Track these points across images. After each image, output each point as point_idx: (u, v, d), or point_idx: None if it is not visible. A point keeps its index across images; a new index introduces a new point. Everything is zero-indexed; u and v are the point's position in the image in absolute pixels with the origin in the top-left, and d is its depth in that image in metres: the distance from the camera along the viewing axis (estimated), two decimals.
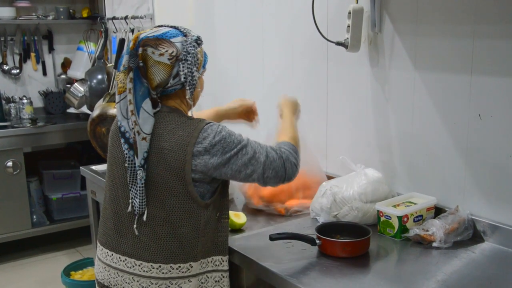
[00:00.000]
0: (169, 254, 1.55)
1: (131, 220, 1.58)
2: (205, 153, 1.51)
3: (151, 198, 1.54)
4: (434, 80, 1.88)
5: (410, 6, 1.92)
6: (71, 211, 4.20)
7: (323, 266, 1.61)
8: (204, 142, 1.51)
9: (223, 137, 1.53)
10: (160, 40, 1.53)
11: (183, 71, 1.53)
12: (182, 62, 1.53)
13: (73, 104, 4.01)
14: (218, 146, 1.52)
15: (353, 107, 2.22)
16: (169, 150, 1.51)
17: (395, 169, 2.07)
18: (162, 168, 1.52)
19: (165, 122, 1.55)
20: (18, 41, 4.35)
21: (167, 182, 1.52)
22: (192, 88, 1.56)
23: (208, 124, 1.55)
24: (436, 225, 1.73)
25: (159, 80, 1.53)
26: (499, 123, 1.70)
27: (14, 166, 3.84)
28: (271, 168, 1.58)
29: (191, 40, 1.56)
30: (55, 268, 3.71)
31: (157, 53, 1.51)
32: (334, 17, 2.21)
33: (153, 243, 1.56)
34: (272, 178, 1.59)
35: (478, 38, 1.72)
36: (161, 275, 1.56)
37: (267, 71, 2.69)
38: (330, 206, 1.90)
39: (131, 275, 1.58)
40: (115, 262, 1.61)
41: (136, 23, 3.43)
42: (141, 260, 1.57)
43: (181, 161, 1.51)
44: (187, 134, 1.52)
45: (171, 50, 1.52)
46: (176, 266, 1.56)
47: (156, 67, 1.52)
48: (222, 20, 3.00)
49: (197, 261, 1.58)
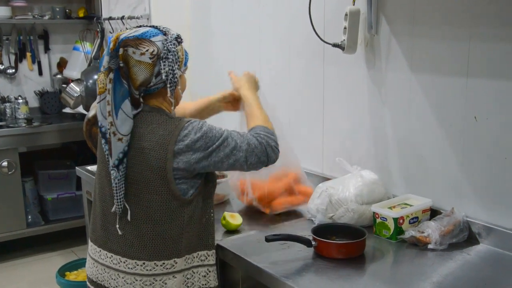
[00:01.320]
0: (153, 251, 1.57)
1: (114, 219, 1.60)
2: (187, 150, 1.53)
3: (134, 196, 1.56)
4: (430, 82, 1.88)
5: (406, 8, 1.92)
6: (66, 211, 4.18)
7: (319, 267, 1.61)
8: (186, 139, 1.53)
9: (204, 132, 1.55)
10: (141, 40, 1.54)
11: (164, 69, 1.55)
12: (163, 60, 1.55)
13: (69, 104, 4.00)
14: (200, 142, 1.54)
15: (349, 109, 2.23)
16: (149, 149, 1.53)
17: (391, 171, 2.07)
18: (143, 167, 1.54)
19: (146, 122, 1.56)
20: (13, 40, 4.34)
21: (148, 181, 1.54)
22: (173, 86, 1.57)
23: (189, 122, 1.56)
24: (431, 227, 1.73)
25: (142, 79, 1.54)
26: (494, 125, 1.71)
27: (9, 166, 3.83)
28: (253, 155, 1.60)
29: (171, 39, 1.58)
30: (50, 268, 3.70)
31: (138, 52, 1.52)
32: (331, 18, 2.21)
33: (137, 241, 1.58)
34: (254, 164, 1.62)
35: (474, 41, 1.72)
36: (145, 272, 1.58)
37: (264, 72, 2.69)
38: (326, 208, 1.90)
39: (117, 272, 1.61)
40: (103, 258, 1.64)
41: (132, 24, 3.43)
42: (126, 257, 1.59)
43: (162, 160, 1.52)
44: (167, 133, 1.54)
45: (152, 49, 1.53)
46: (160, 263, 1.57)
47: (138, 66, 1.53)
48: (219, 21, 3.00)
49: (181, 257, 1.59)
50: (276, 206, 2.06)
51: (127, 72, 1.53)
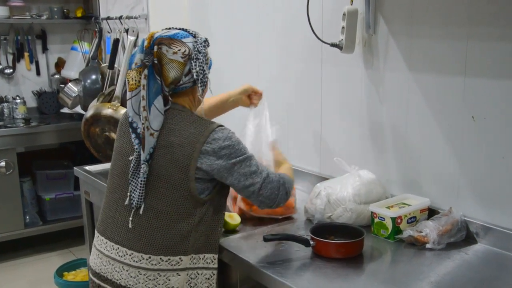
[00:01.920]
0: (160, 246, 1.58)
1: (128, 211, 1.61)
2: (213, 154, 1.57)
3: (151, 189, 1.59)
4: (428, 81, 1.89)
5: (404, 8, 1.93)
6: (64, 211, 4.18)
7: (317, 267, 1.61)
8: (214, 143, 1.57)
9: (232, 143, 1.59)
10: (173, 40, 1.61)
11: (195, 69, 1.61)
12: (194, 60, 1.62)
13: (67, 104, 4.00)
14: (226, 150, 1.58)
15: (347, 108, 2.23)
16: (178, 144, 1.57)
17: (389, 171, 2.07)
18: (167, 161, 1.57)
19: (177, 119, 1.61)
20: (11, 40, 4.33)
21: (170, 176, 1.57)
22: (203, 85, 1.64)
23: (220, 127, 1.61)
24: (429, 226, 1.74)
25: (173, 77, 1.59)
26: (492, 125, 1.71)
27: (7, 166, 3.82)
28: (268, 187, 1.65)
29: (201, 41, 1.66)
30: (48, 268, 3.70)
31: (170, 51, 1.59)
32: (329, 18, 2.21)
33: (146, 234, 1.59)
34: (265, 197, 1.66)
35: (472, 40, 1.72)
36: (150, 266, 1.58)
37: (262, 72, 2.69)
38: (324, 207, 1.90)
39: (121, 264, 1.61)
40: (108, 250, 1.65)
41: (130, 23, 3.42)
42: (132, 250, 1.60)
43: (188, 157, 1.56)
44: (198, 132, 1.58)
45: (183, 49, 1.60)
46: (166, 259, 1.58)
47: (170, 64, 1.59)
48: (217, 21, 3.00)
49: (187, 256, 1.60)
50: (256, 209, 2.00)
51: (160, 69, 1.58)
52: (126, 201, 1.61)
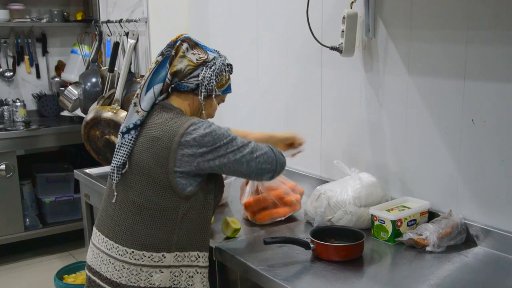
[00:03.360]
0: (143, 242, 1.59)
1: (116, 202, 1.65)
2: (194, 143, 1.57)
3: (133, 184, 1.61)
4: (427, 85, 1.89)
5: (404, 12, 1.93)
6: (64, 214, 4.17)
7: (317, 270, 1.61)
8: (194, 133, 1.57)
9: (213, 129, 1.60)
10: (198, 46, 1.69)
11: (203, 74, 1.65)
12: (207, 67, 1.66)
13: (67, 107, 4.00)
14: (208, 137, 1.58)
15: (347, 111, 2.23)
16: (157, 138, 1.59)
17: (389, 174, 2.08)
18: (148, 155, 1.59)
19: (162, 115, 1.63)
20: (11, 43, 4.34)
21: (150, 169, 1.59)
22: (206, 91, 1.66)
23: (199, 120, 1.62)
24: (429, 229, 1.74)
25: (178, 68, 1.64)
26: (491, 128, 1.71)
27: (7, 169, 3.82)
28: (261, 152, 1.65)
29: (224, 60, 1.72)
30: (48, 271, 3.69)
31: (190, 51, 1.66)
32: (329, 22, 2.22)
33: (130, 228, 1.61)
34: (264, 162, 1.65)
35: (471, 44, 1.73)
36: (133, 261, 1.59)
37: (261, 75, 2.70)
38: (324, 210, 1.91)
39: (108, 257, 1.63)
40: (100, 243, 1.68)
41: (130, 27, 3.43)
42: (118, 244, 1.62)
43: (166, 149, 1.57)
44: (177, 126, 1.59)
45: (202, 55, 1.67)
46: (149, 254, 1.59)
47: (182, 58, 1.65)
48: (216, 24, 3.00)
49: (171, 253, 1.60)
50: (260, 218, 2.01)
51: (172, 61, 1.65)
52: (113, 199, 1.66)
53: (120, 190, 1.65)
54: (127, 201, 1.62)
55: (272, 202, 2.01)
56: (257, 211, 2.02)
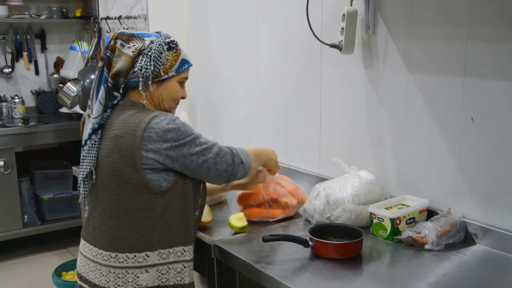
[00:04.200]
0: (125, 243, 1.59)
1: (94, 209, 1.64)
2: (157, 139, 1.54)
3: (105, 188, 1.60)
4: (427, 82, 1.89)
5: (404, 9, 1.93)
6: (62, 211, 4.17)
7: (316, 267, 1.61)
8: (156, 127, 1.55)
9: (177, 125, 1.57)
10: (134, 37, 1.63)
11: (140, 63, 1.60)
12: (143, 56, 1.61)
13: (65, 103, 3.99)
14: (172, 133, 1.55)
15: (346, 109, 2.23)
16: (120, 137, 1.57)
17: (388, 171, 2.07)
18: (115, 155, 1.57)
19: (123, 113, 1.61)
20: (10, 40, 4.32)
21: (120, 170, 1.56)
22: (144, 80, 1.60)
23: (161, 113, 1.60)
24: (428, 227, 1.74)
25: (117, 69, 1.60)
26: (491, 126, 1.71)
27: (5, 165, 3.82)
28: (222, 160, 1.64)
29: (162, 41, 1.64)
30: (46, 268, 3.69)
31: (125, 46, 1.62)
32: (328, 19, 2.22)
33: (110, 232, 1.60)
34: (223, 170, 1.64)
35: (471, 41, 1.73)
36: (118, 264, 1.59)
37: (261, 73, 2.69)
38: (323, 208, 1.90)
39: (95, 264, 1.63)
40: (86, 251, 1.67)
41: (130, 23, 3.42)
42: (102, 249, 1.61)
43: (130, 146, 1.54)
44: (138, 121, 1.57)
45: (138, 45, 1.61)
46: (132, 255, 1.58)
47: (119, 57, 1.61)
48: (216, 21, 3.00)
49: (154, 251, 1.59)
50: (249, 214, 2.00)
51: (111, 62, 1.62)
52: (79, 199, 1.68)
53: (93, 198, 1.64)
54: (103, 207, 1.60)
55: (265, 201, 2.00)
56: (248, 206, 2.02)
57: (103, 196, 1.61)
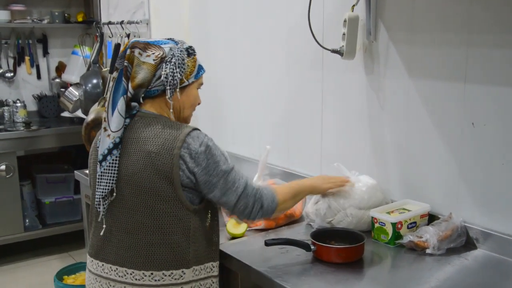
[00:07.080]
0: (161, 261, 1.55)
1: (119, 228, 1.58)
2: (191, 159, 1.53)
3: (141, 204, 1.55)
4: (428, 88, 1.90)
5: (405, 15, 1.94)
6: (64, 215, 4.18)
7: (318, 271, 1.61)
8: (190, 147, 1.53)
9: (208, 148, 1.55)
10: (150, 45, 1.59)
11: (165, 71, 1.56)
12: (166, 63, 1.57)
13: (67, 108, 4.00)
14: (202, 156, 1.54)
15: (348, 114, 2.24)
16: (156, 153, 1.53)
17: (389, 176, 2.08)
18: (150, 172, 1.53)
19: (151, 127, 1.57)
20: (12, 44, 4.35)
21: (156, 187, 1.53)
22: (172, 88, 1.57)
23: (195, 130, 1.57)
24: (429, 232, 1.74)
25: (140, 79, 1.56)
26: (492, 131, 1.72)
27: (7, 169, 3.82)
28: (242, 202, 1.60)
29: (181, 47, 1.61)
30: (47, 272, 3.69)
31: (144, 54, 1.57)
32: (330, 25, 2.23)
33: (144, 251, 1.56)
34: (240, 213, 1.62)
35: (472, 47, 1.74)
36: (153, 283, 1.56)
37: (262, 78, 2.70)
38: (325, 212, 1.91)
39: (123, 284, 1.58)
40: (106, 272, 1.61)
41: (132, 28, 3.44)
42: (133, 269, 1.57)
43: (168, 164, 1.52)
44: (172, 138, 1.54)
45: (158, 53, 1.57)
46: (169, 273, 1.56)
47: (140, 66, 1.57)
48: (218, 26, 3.01)
49: (189, 268, 1.58)
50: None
51: (130, 72, 1.58)
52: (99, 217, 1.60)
53: (112, 216, 1.59)
54: (133, 225, 1.56)
55: None
56: None
57: (130, 213, 1.56)
